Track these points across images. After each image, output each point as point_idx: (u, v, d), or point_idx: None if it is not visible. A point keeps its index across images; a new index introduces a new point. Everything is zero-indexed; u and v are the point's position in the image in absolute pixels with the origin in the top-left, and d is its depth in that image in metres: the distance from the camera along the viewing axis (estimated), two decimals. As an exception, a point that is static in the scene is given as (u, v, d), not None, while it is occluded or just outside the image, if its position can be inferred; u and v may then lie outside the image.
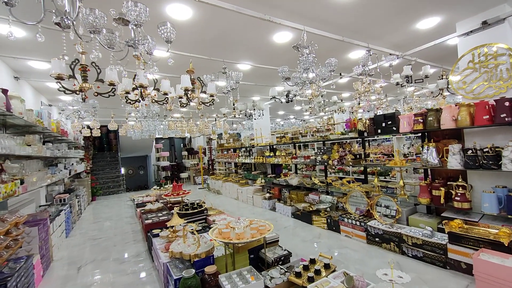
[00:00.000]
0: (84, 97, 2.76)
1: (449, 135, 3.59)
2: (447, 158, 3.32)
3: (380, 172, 6.62)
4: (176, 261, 2.84)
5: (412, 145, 5.66)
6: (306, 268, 2.59)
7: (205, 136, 14.55)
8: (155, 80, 3.23)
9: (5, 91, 2.97)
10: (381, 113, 6.52)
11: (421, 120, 3.51)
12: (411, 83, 4.16)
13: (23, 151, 3.30)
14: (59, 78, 2.36)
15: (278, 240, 3.47)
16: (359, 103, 7.49)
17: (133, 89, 3.02)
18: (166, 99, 3.20)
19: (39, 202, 4.87)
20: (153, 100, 3.15)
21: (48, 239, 3.82)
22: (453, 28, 3.55)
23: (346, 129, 5.42)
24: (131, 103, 3.17)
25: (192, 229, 2.91)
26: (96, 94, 2.73)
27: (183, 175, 13.74)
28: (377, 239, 3.76)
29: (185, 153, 14.93)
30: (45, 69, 4.67)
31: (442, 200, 3.28)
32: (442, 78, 4.79)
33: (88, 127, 7.11)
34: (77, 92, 2.61)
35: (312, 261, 2.70)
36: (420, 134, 5.69)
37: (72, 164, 6.99)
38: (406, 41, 4.09)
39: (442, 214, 3.42)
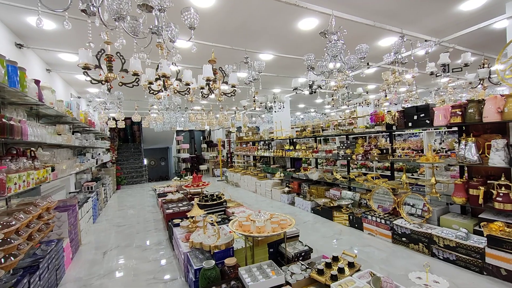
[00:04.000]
0: (109, 87, 2.81)
1: (491, 129, 3.25)
2: (488, 154, 3.02)
3: (407, 168, 6.26)
4: (196, 251, 2.85)
5: (443, 140, 5.27)
6: (328, 265, 2.49)
7: (224, 129, 14.65)
8: (177, 70, 3.21)
9: (37, 82, 3.10)
10: (409, 106, 6.12)
11: (460, 113, 3.21)
12: (448, 72, 3.81)
13: (54, 140, 3.46)
14: (86, 68, 2.41)
15: (298, 235, 3.39)
16: (386, 95, 7.10)
17: (156, 79, 3.03)
18: (188, 89, 3.18)
19: (69, 189, 5.14)
20: (175, 91, 3.14)
21: (77, 224, 4.02)
22: (501, 9, 3.17)
23: (370, 123, 5.14)
24: (154, 93, 3.19)
25: (212, 220, 2.90)
26: (120, 84, 2.77)
27: (202, 167, 13.98)
28: (403, 238, 3.55)
29: (204, 145, 15.16)
30: (74, 61, 4.85)
31: (481, 200, 3.00)
32: (483, 67, 4.36)
33: (114, 118, 7.39)
34: (103, 82, 2.65)
35: (335, 259, 2.59)
36: (452, 129, 5.27)
37: (99, 154, 7.30)
38: (445, 26, 3.73)
39: (479, 216, 3.13)
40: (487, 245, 2.73)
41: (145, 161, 13.38)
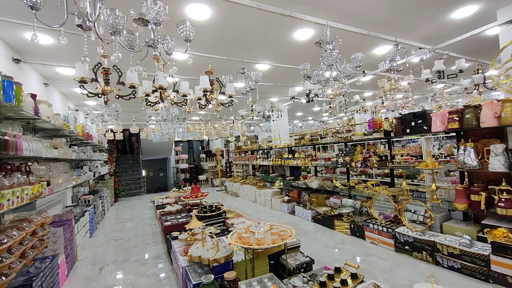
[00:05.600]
0: (106, 99, 2.80)
1: (489, 134, 3.26)
2: (487, 159, 3.01)
3: (406, 175, 6.23)
4: (195, 266, 2.78)
5: (442, 146, 5.27)
6: (331, 277, 2.42)
7: (222, 139, 14.64)
8: (174, 82, 3.22)
9: (33, 96, 3.09)
10: (406, 112, 6.15)
11: (457, 118, 3.22)
12: (443, 78, 3.85)
13: (49, 153, 3.42)
14: (82, 81, 2.41)
15: (299, 246, 3.32)
16: (382, 102, 7.15)
17: (153, 91, 3.04)
18: (185, 100, 3.18)
19: (65, 203, 5.06)
20: (173, 102, 3.14)
21: (73, 239, 3.93)
22: (493, 16, 3.23)
23: (368, 130, 5.14)
24: (151, 105, 3.19)
25: (210, 233, 2.84)
26: (117, 96, 2.77)
27: (201, 177, 13.88)
28: (406, 247, 3.48)
29: (203, 155, 15.10)
30: (71, 75, 4.86)
31: (483, 206, 2.97)
32: (477, 73, 4.41)
33: (112, 130, 7.38)
34: (100, 95, 2.65)
35: (338, 270, 2.52)
36: (451, 134, 5.28)
37: (97, 166, 7.24)
38: (438, 34, 3.79)
39: (482, 222, 3.09)
40: (492, 252, 2.67)
41: (144, 173, 13.28)
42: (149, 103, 3.12)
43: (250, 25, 3.35)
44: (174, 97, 3.16)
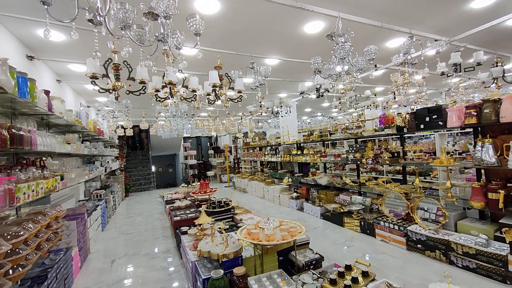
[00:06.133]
0: (116, 95, 2.83)
1: (509, 130, 3.12)
2: (507, 156, 2.88)
3: (419, 172, 6.07)
4: (204, 260, 2.79)
5: (456, 142, 5.09)
6: (341, 275, 2.39)
7: (230, 135, 14.67)
8: (184, 78, 3.22)
9: (47, 92, 3.15)
10: (419, 107, 5.97)
11: (475, 113, 3.09)
12: (460, 72, 3.70)
13: (63, 149, 3.49)
14: (93, 77, 2.43)
15: (308, 243, 3.29)
16: (394, 97, 6.96)
17: (163, 87, 3.04)
18: (194, 96, 3.17)
19: (78, 197, 5.19)
20: (182, 98, 3.14)
21: (85, 233, 4.02)
22: (514, 6, 3.07)
23: (379, 126, 5.02)
24: (161, 101, 3.19)
25: (220, 228, 2.84)
26: (128, 92, 2.79)
27: (210, 173, 13.98)
28: (419, 245, 3.40)
29: (211, 151, 15.19)
30: (83, 72, 4.94)
31: (501, 205, 2.85)
32: (496, 66, 4.22)
33: (122, 126, 7.49)
34: (110, 90, 2.67)
35: (348, 268, 2.48)
36: (466, 130, 5.10)
37: (108, 162, 7.39)
38: (454, 25, 3.63)
39: (500, 221, 2.98)
40: (510, 252, 2.58)
41: (153, 168, 13.48)
42: (158, 99, 3.12)
43: (259, 19, 3.29)
44: (184, 92, 3.15)
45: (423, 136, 7.84)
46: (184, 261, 3.51)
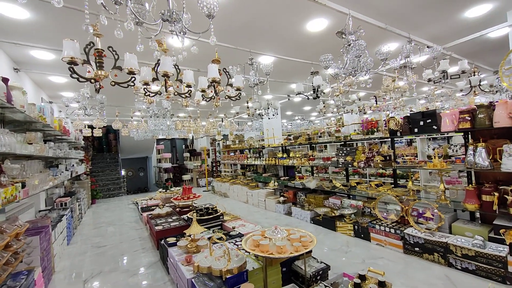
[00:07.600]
0: (99, 86, 2.39)
1: (498, 135, 3.26)
2: (498, 159, 3.00)
3: (401, 175, 6.29)
4: (203, 277, 2.45)
5: (440, 146, 5.35)
6: (357, 286, 2.23)
7: (208, 137, 14.16)
8: (177, 68, 2.85)
9: (5, 80, 2.59)
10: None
11: (469, 118, 3.19)
12: (447, 79, 3.84)
13: (24, 150, 2.90)
14: (72, 63, 2.01)
15: (311, 251, 3.10)
16: (376, 102, 7.15)
17: (153, 79, 2.67)
18: (190, 91, 2.83)
19: (38, 207, 4.44)
20: (176, 93, 2.78)
21: (49, 249, 3.40)
22: (502, 17, 3.24)
23: (361, 130, 5.04)
24: (150, 95, 2.80)
25: (220, 239, 2.53)
26: (113, 83, 2.37)
27: (186, 177, 13.28)
28: (416, 248, 3.41)
29: (187, 154, 14.50)
30: (49, 60, 4.27)
31: (495, 207, 2.95)
32: (474, 75, 4.50)
33: (90, 126, 6.70)
34: (92, 80, 2.24)
35: (362, 278, 2.34)
36: (445, 135, 5.37)
37: (73, 165, 6.54)
38: (447, 32, 3.77)
39: (494, 222, 3.08)
40: (510, 253, 2.64)
41: (123, 172, 12.45)
42: (148, 93, 2.73)
43: (262, 11, 3.06)
44: (178, 86, 2.80)
45: (399, 140, 8.22)
46: (173, 277, 3.11)
